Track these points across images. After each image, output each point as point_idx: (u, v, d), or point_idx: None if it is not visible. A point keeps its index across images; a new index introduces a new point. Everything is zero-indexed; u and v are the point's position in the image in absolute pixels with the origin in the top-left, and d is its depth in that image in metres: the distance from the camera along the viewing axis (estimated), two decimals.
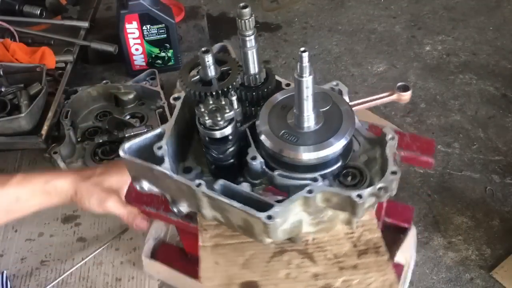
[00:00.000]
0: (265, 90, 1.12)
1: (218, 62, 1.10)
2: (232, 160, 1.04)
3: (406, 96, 1.21)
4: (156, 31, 2.72)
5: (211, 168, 1.08)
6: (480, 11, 3.28)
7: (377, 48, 3.08)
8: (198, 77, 1.10)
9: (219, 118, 0.97)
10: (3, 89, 2.09)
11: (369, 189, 0.97)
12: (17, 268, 1.81)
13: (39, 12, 2.72)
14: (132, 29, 2.69)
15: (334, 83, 1.16)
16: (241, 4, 0.98)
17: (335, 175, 1.03)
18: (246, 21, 0.99)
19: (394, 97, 1.23)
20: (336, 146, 0.97)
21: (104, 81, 2.24)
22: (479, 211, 2.17)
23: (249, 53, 1.05)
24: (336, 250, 1.06)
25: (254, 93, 1.10)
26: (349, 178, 1.04)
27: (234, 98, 1.07)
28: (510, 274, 1.93)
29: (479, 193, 2.24)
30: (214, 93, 1.05)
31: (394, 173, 0.99)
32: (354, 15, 3.37)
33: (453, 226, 2.12)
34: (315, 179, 0.97)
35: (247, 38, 1.03)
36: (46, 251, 1.85)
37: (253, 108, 1.11)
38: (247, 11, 0.98)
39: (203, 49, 1.07)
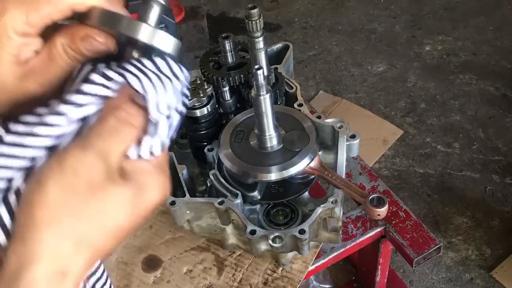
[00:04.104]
0: (276, 91, 1.11)
1: (243, 50, 1.15)
2: (205, 143, 1.10)
3: (381, 212, 0.88)
4: None
5: (193, 153, 1.18)
6: (480, 11, 3.28)
7: (377, 48, 3.08)
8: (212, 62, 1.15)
9: (201, 94, 1.04)
10: None
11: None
12: None
13: None
14: None
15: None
16: (249, 5, 0.95)
17: (265, 213, 1.05)
18: (255, 22, 0.96)
19: (366, 210, 0.93)
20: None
21: None
22: (479, 211, 2.17)
23: (259, 55, 1.03)
24: (246, 276, 1.05)
25: None
26: (281, 217, 1.05)
27: (226, 89, 1.09)
28: (510, 274, 1.93)
29: (479, 193, 2.24)
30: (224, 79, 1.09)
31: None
32: (354, 15, 3.37)
33: (453, 226, 2.12)
34: (235, 195, 0.98)
35: (256, 40, 1.00)
36: None
37: None
38: (255, 11, 0.95)
39: (223, 35, 1.10)
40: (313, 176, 1.04)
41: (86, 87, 0.48)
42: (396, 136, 2.51)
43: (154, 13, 0.54)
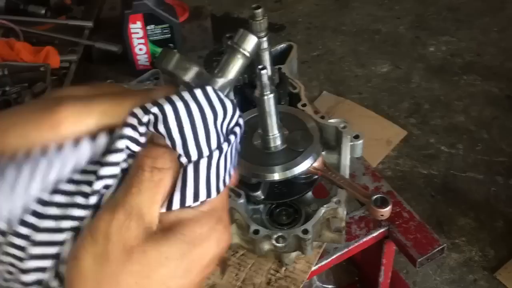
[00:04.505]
0: (280, 92, 1.12)
1: None
2: None
3: (385, 212, 0.89)
4: (160, 31, 2.72)
5: None
6: (485, 12, 3.27)
7: (381, 49, 3.08)
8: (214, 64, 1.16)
9: None
10: (7, 88, 2.09)
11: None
12: None
13: (43, 11, 2.72)
14: (136, 29, 2.69)
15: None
16: (253, 5, 0.94)
17: (268, 213, 1.05)
18: (259, 22, 0.96)
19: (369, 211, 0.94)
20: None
21: (108, 81, 2.24)
22: (482, 212, 2.16)
23: (263, 55, 1.03)
24: (249, 276, 1.05)
25: None
26: (284, 217, 1.05)
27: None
28: None
29: (482, 194, 2.24)
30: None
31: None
32: (358, 15, 3.37)
33: (456, 227, 2.12)
34: (239, 195, 0.97)
35: (261, 40, 1.01)
36: None
37: None
38: (259, 12, 0.95)
39: (227, 35, 1.10)
40: (316, 176, 1.04)
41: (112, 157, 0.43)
42: (400, 137, 2.51)
43: (236, 66, 0.48)
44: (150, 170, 0.42)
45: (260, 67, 0.86)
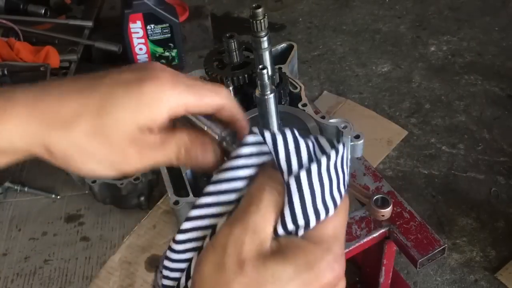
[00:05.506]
0: (281, 91, 1.11)
1: (247, 49, 1.15)
2: None
3: (385, 212, 0.91)
4: (160, 31, 2.73)
5: None
6: (486, 12, 3.27)
7: (381, 48, 3.07)
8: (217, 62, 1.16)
9: None
10: None
11: None
12: (20, 267, 1.82)
13: (43, 11, 2.72)
14: (136, 28, 2.70)
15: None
16: (254, 5, 0.96)
17: None
18: (260, 21, 0.97)
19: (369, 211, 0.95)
20: None
21: None
22: (483, 212, 2.16)
23: (263, 54, 1.04)
24: None
25: None
26: None
27: (230, 89, 1.09)
28: None
29: (483, 194, 2.23)
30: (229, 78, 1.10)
31: None
32: (359, 15, 3.36)
33: (457, 228, 2.11)
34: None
35: (261, 39, 1.01)
36: (49, 250, 1.85)
37: None
38: (260, 11, 0.96)
39: (228, 34, 1.10)
40: None
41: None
42: (400, 137, 2.51)
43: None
44: (270, 191, 0.47)
45: (260, 66, 0.86)
